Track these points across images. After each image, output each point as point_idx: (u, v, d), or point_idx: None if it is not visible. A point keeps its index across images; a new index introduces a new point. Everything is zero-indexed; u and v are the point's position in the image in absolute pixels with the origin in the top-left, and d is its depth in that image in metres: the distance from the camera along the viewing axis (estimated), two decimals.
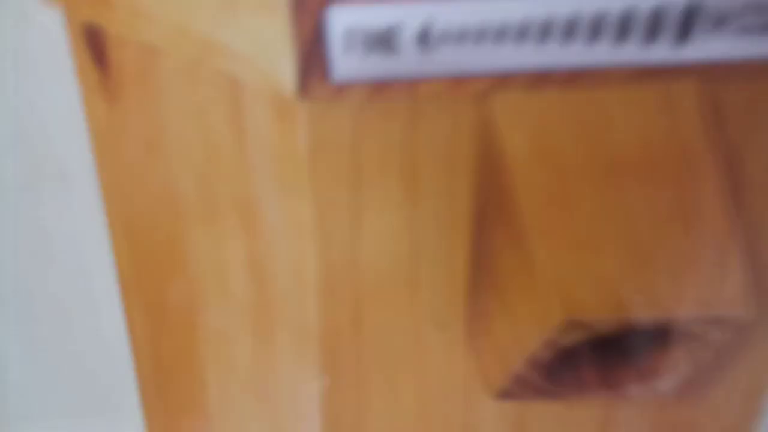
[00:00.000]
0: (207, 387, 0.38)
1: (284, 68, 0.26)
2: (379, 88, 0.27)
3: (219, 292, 0.34)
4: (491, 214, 0.30)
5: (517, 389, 0.32)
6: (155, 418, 0.41)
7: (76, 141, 0.38)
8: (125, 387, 0.41)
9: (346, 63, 0.26)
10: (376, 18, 0.26)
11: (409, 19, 0.26)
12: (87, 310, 0.45)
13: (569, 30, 0.26)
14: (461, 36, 0.26)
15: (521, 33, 0.26)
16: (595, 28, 0.26)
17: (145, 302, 0.38)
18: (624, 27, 0.26)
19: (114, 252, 0.39)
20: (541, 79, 0.27)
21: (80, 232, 0.43)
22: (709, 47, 0.26)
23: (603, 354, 0.32)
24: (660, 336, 0.32)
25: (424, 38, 0.26)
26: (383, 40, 0.26)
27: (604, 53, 0.26)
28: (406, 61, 0.26)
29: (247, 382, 0.36)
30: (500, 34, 0.26)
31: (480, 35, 0.26)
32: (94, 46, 0.34)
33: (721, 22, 0.25)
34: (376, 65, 0.26)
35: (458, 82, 0.27)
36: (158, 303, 0.37)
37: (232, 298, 0.34)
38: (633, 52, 0.26)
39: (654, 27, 0.26)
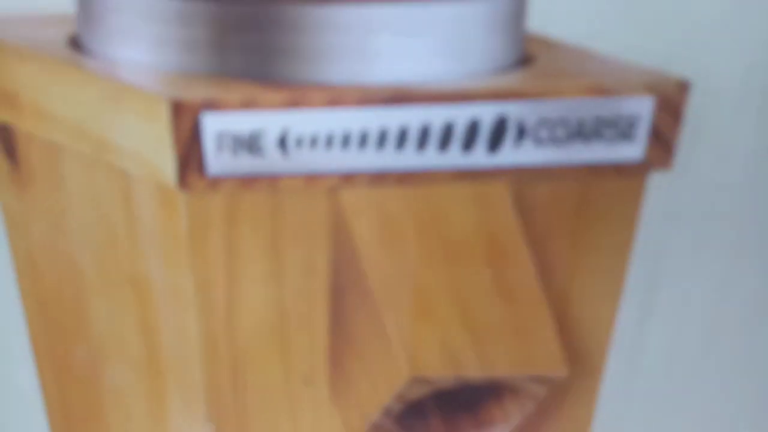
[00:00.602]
0: None
1: (166, 165, 0.30)
2: (247, 182, 0.30)
3: (117, 354, 0.36)
4: (347, 288, 0.33)
5: None
6: None
7: None
8: None
9: (218, 161, 0.29)
10: (242, 124, 0.29)
11: (270, 126, 0.29)
12: (6, 366, 0.46)
13: (401, 138, 0.30)
14: (313, 141, 0.30)
15: (362, 140, 0.30)
16: (423, 138, 0.30)
17: (54, 361, 0.39)
18: (446, 137, 0.30)
19: (26, 317, 0.40)
20: (380, 177, 0.30)
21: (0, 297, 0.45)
22: (515, 155, 0.30)
23: (448, 406, 0.35)
24: (493, 390, 0.35)
25: (283, 142, 0.30)
26: (249, 143, 0.29)
27: (430, 158, 0.30)
28: (269, 161, 0.30)
29: None
30: (345, 140, 0.30)
31: (328, 141, 0.30)
32: (6, 142, 0.36)
33: (522, 135, 0.30)
34: (244, 163, 0.30)
35: (312, 178, 0.30)
36: (65, 362, 0.39)
37: (128, 359, 0.36)
38: (454, 158, 0.30)
39: (470, 138, 0.30)
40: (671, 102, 0.29)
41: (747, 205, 0.34)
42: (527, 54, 0.31)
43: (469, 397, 0.35)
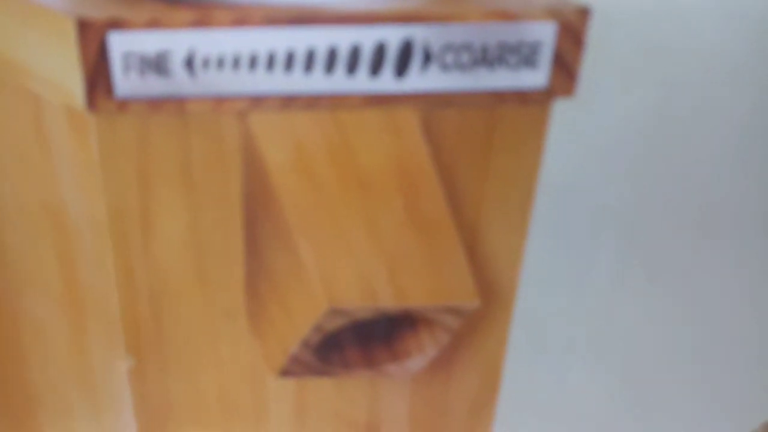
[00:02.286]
0: (30, 371, 0.38)
1: (75, 86, 0.28)
2: (156, 104, 0.29)
3: (36, 285, 0.35)
4: (262, 218, 0.32)
5: (295, 369, 0.33)
6: None
7: None
8: None
9: (126, 82, 0.28)
10: (148, 44, 0.28)
11: (177, 46, 0.28)
12: None
13: (309, 60, 0.28)
14: (220, 62, 0.28)
15: (269, 62, 0.28)
16: (330, 60, 0.28)
17: None
18: (353, 60, 0.28)
19: None
20: (289, 101, 0.29)
21: None
22: (422, 81, 0.29)
23: (365, 338, 0.34)
24: (409, 322, 0.34)
25: (190, 63, 0.28)
26: (156, 64, 0.28)
27: (339, 82, 0.29)
28: (177, 83, 0.28)
29: (66, 366, 0.36)
30: (252, 61, 0.28)
31: (235, 62, 0.28)
32: None
33: (428, 60, 0.28)
34: (152, 85, 0.28)
35: (220, 101, 0.29)
36: None
37: (46, 290, 0.35)
38: (362, 82, 0.29)
39: (377, 61, 0.29)
40: (573, 28, 0.28)
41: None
42: None
43: (386, 330, 0.34)
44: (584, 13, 0.28)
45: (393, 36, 0.28)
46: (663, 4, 0.30)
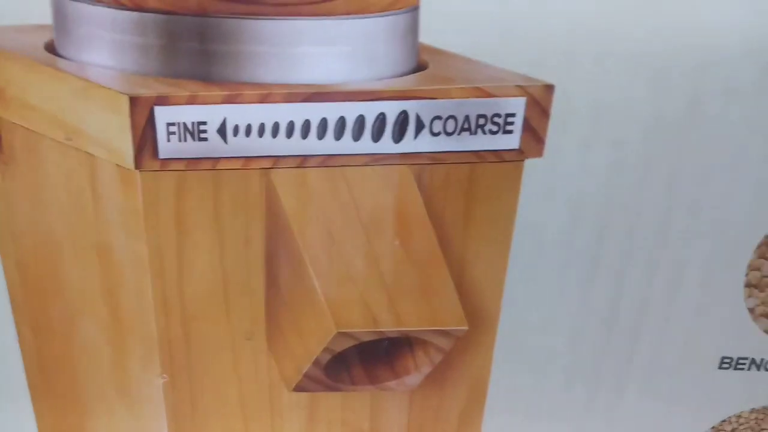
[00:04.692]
0: (80, 385, 0.41)
1: (126, 149, 0.32)
2: (192, 163, 0.33)
3: (86, 312, 0.38)
4: (280, 256, 0.36)
5: (307, 385, 0.37)
6: (43, 409, 0.44)
7: None
8: (19, 386, 0.43)
9: (168, 146, 0.32)
10: (188, 115, 0.32)
11: (212, 117, 0.32)
12: None
13: (322, 129, 0.32)
14: (248, 130, 0.32)
15: (289, 130, 0.32)
16: (340, 129, 0.33)
17: (32, 318, 0.41)
18: (359, 128, 0.33)
19: (7, 280, 0.41)
20: (305, 160, 0.33)
21: None
22: (416, 144, 0.33)
23: (369, 358, 0.38)
24: (407, 344, 0.37)
25: (222, 131, 0.32)
26: (193, 131, 0.32)
27: (347, 145, 0.33)
28: (211, 147, 0.32)
29: (110, 379, 0.40)
30: (275, 129, 0.32)
31: (261, 130, 0.32)
32: None
33: (420, 128, 0.33)
34: (190, 148, 0.32)
35: (247, 161, 0.33)
36: (42, 320, 0.41)
37: (95, 316, 0.38)
38: (366, 146, 0.33)
39: (379, 129, 0.33)
40: (539, 101, 0.33)
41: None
42: (421, 61, 0.34)
43: (387, 350, 0.38)
44: (548, 89, 0.33)
45: (391, 109, 0.32)
46: (613, 81, 0.35)
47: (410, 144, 0.33)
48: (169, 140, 0.32)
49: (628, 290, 0.39)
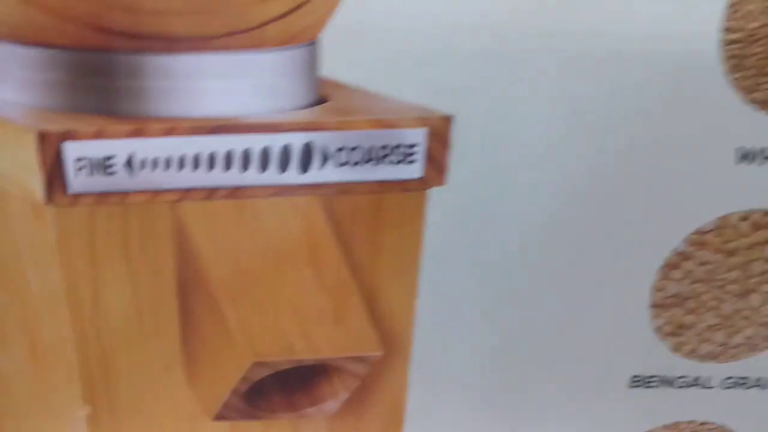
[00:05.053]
0: (3, 418, 0.41)
1: (36, 185, 0.32)
2: (102, 197, 0.33)
3: (6, 345, 0.38)
4: (191, 287, 0.36)
5: (227, 414, 0.37)
6: None
7: None
8: None
9: (77, 181, 0.32)
10: (96, 150, 0.32)
11: (119, 152, 0.32)
12: None
13: (228, 161, 0.33)
14: (154, 163, 0.33)
15: (195, 162, 0.33)
16: (245, 161, 0.33)
17: None
18: (264, 160, 0.33)
19: None
20: (212, 193, 0.34)
21: None
22: (322, 175, 0.34)
23: (287, 386, 0.38)
24: (323, 371, 0.38)
25: (130, 165, 0.33)
26: (102, 166, 0.33)
27: (253, 177, 0.33)
28: (119, 181, 0.33)
29: (31, 413, 0.40)
30: (181, 162, 0.33)
31: (167, 163, 0.33)
32: None
33: (325, 159, 0.34)
34: (98, 182, 0.33)
35: (155, 194, 0.33)
36: None
37: (15, 350, 0.38)
38: (272, 177, 0.34)
39: (284, 161, 0.33)
40: (440, 132, 0.34)
41: None
42: (323, 95, 0.35)
43: (304, 378, 0.38)
44: (447, 121, 0.34)
45: (296, 141, 0.33)
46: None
47: (316, 175, 0.34)
48: (77, 175, 0.32)
49: (540, 313, 0.40)
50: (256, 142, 0.33)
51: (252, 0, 0.33)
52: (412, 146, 0.34)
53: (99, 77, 0.33)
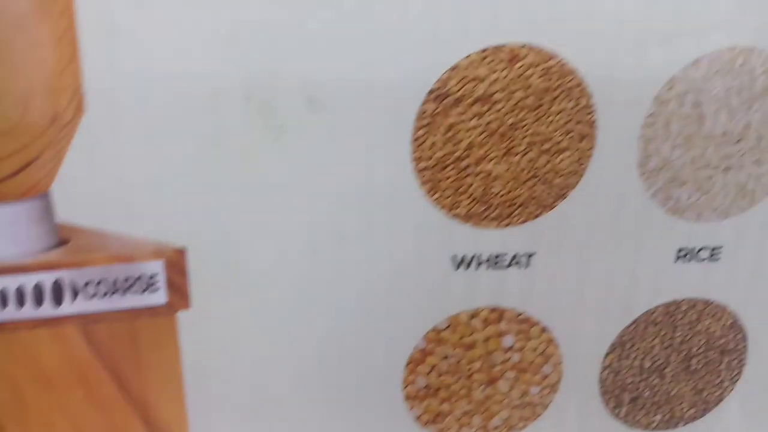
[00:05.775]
0: None
1: None
2: None
3: None
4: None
5: None
6: None
7: None
8: None
9: None
10: None
11: None
12: None
13: None
14: None
15: None
16: (3, 299, 0.37)
17: None
18: (20, 298, 0.38)
19: None
20: None
21: None
22: (74, 307, 0.38)
23: None
24: None
25: None
26: None
27: (11, 313, 0.37)
28: None
29: None
30: None
31: None
32: None
33: (76, 292, 0.38)
34: None
35: None
36: None
37: None
38: (30, 312, 0.38)
39: (38, 297, 0.38)
40: (176, 262, 0.38)
41: None
42: (63, 237, 0.39)
43: None
44: (181, 252, 0.38)
45: (47, 279, 0.37)
46: None
47: (69, 307, 0.38)
48: None
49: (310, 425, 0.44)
50: (10, 282, 0.37)
51: None
52: (152, 276, 0.38)
53: None
